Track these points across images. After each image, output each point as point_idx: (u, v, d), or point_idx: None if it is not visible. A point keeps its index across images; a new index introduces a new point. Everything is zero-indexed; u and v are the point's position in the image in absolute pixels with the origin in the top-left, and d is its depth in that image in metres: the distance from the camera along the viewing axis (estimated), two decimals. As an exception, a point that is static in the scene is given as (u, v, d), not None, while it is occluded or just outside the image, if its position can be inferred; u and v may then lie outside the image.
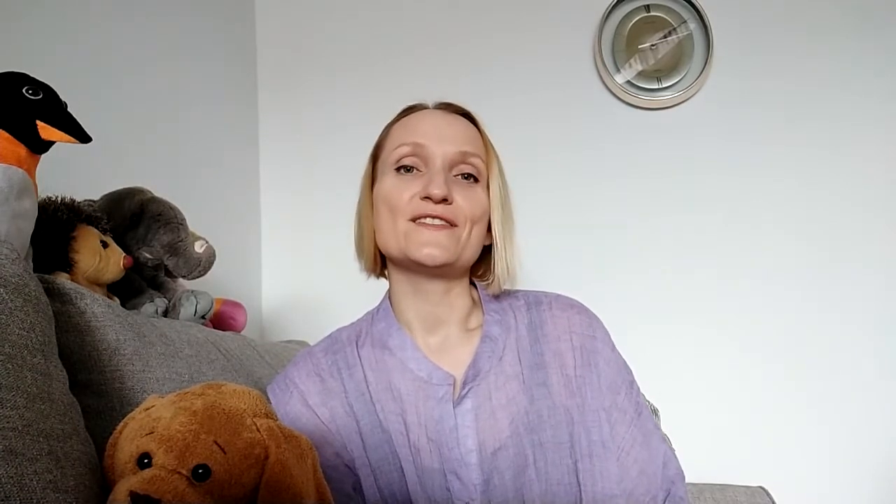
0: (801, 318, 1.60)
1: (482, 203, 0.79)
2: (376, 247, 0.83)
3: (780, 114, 1.64)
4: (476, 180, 0.80)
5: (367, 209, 0.83)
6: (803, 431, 1.58)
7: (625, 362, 0.84)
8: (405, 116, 0.84)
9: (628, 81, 1.69)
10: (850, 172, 1.61)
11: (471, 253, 0.80)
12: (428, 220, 0.76)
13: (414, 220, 0.76)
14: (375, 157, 0.85)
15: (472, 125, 0.84)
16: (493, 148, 0.84)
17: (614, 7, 1.69)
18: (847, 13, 1.63)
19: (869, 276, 1.58)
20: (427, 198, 0.75)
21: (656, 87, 1.67)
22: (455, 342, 0.82)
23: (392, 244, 0.79)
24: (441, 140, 0.79)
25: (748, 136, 1.66)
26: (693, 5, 1.65)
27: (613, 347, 0.84)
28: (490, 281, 0.83)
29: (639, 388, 0.84)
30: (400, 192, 0.77)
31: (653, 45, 1.67)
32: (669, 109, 1.69)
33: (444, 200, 0.76)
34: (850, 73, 1.62)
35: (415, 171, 0.79)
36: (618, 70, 1.69)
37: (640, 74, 1.68)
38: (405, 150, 0.79)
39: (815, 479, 1.55)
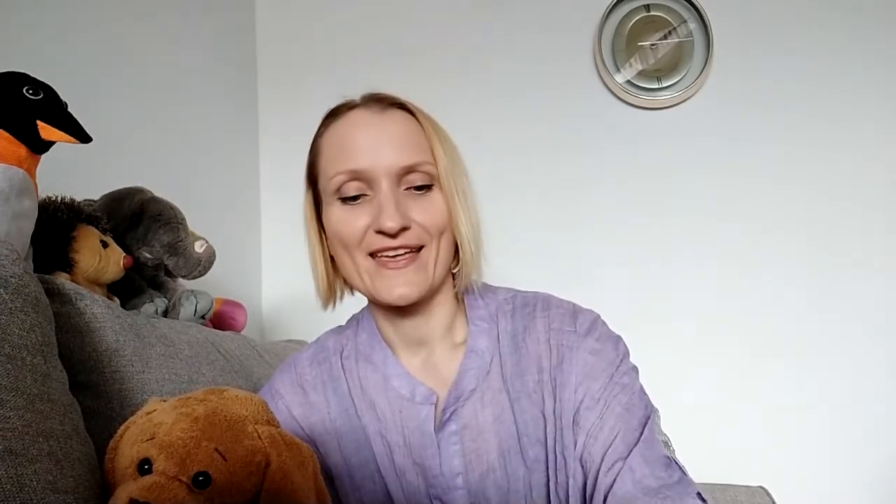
0: (801, 318, 1.60)
1: (442, 210, 0.71)
2: (329, 277, 0.77)
3: (780, 113, 1.64)
4: (430, 187, 0.71)
5: (315, 237, 0.76)
6: (803, 431, 1.58)
7: (618, 351, 0.75)
8: (331, 123, 0.74)
9: (628, 81, 1.69)
10: (850, 172, 1.61)
11: (444, 267, 0.73)
12: (389, 253, 0.69)
13: (373, 255, 0.70)
14: (312, 179, 0.76)
15: (410, 117, 0.73)
16: (437, 135, 0.73)
17: (614, 7, 1.69)
18: (847, 13, 1.62)
19: (869, 276, 1.58)
20: (380, 231, 0.68)
21: (656, 86, 1.67)
22: (439, 359, 0.76)
23: (357, 283, 0.73)
24: (380, 155, 0.69)
25: (748, 136, 1.66)
26: (693, 5, 1.65)
27: (601, 336, 0.75)
28: (457, 275, 0.76)
29: (627, 370, 0.74)
30: (349, 226, 0.70)
31: (653, 45, 1.67)
32: (669, 109, 1.69)
33: (402, 229, 0.68)
34: (850, 73, 1.62)
35: (361, 197, 0.70)
36: (618, 70, 1.69)
37: (640, 74, 1.68)
38: (343, 178, 0.70)
39: (815, 479, 1.55)
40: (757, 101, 1.65)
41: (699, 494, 0.68)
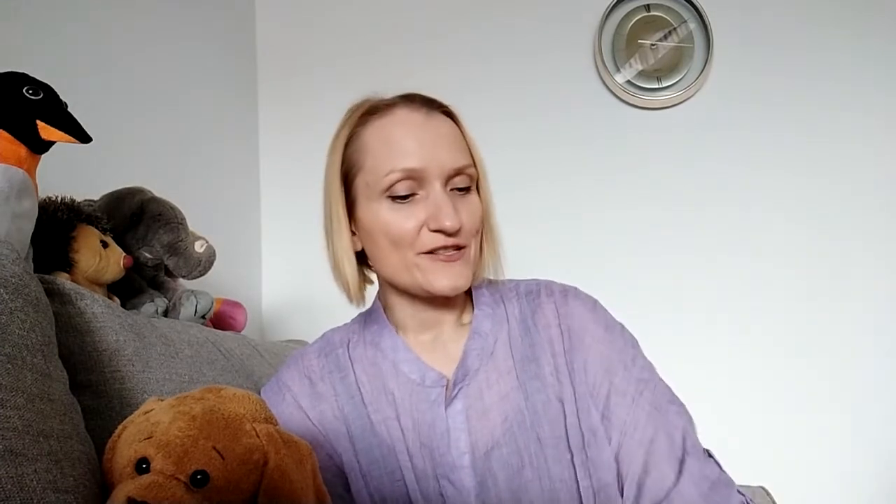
0: (802, 318, 1.60)
1: (480, 212, 0.76)
2: (358, 275, 0.79)
3: (780, 113, 1.64)
4: (469, 189, 0.76)
5: (345, 237, 0.77)
6: (803, 431, 1.58)
7: (625, 339, 0.79)
8: (373, 120, 0.76)
9: (628, 81, 1.69)
10: (851, 171, 1.61)
11: (476, 262, 0.78)
12: (441, 252, 0.73)
13: (425, 252, 0.73)
14: (348, 175, 0.76)
15: (451, 122, 0.77)
16: (473, 140, 0.78)
17: (614, 7, 1.69)
18: (846, 12, 1.63)
19: (871, 275, 1.58)
20: (439, 230, 0.71)
21: (656, 86, 1.67)
22: (447, 338, 0.80)
23: (403, 278, 0.75)
24: (435, 157, 0.72)
25: (748, 136, 1.66)
26: (693, 5, 1.65)
27: (608, 326, 0.79)
28: (478, 270, 0.80)
29: (645, 364, 0.78)
30: (402, 224, 0.72)
31: (653, 45, 1.67)
32: (669, 109, 1.69)
33: (459, 228, 0.72)
34: (851, 72, 1.62)
35: (410, 196, 0.72)
36: (618, 70, 1.69)
37: (640, 74, 1.68)
38: (397, 176, 0.71)
39: (815, 479, 1.55)
40: (757, 101, 1.65)
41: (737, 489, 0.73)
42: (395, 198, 0.72)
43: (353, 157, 0.76)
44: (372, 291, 0.85)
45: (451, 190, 0.74)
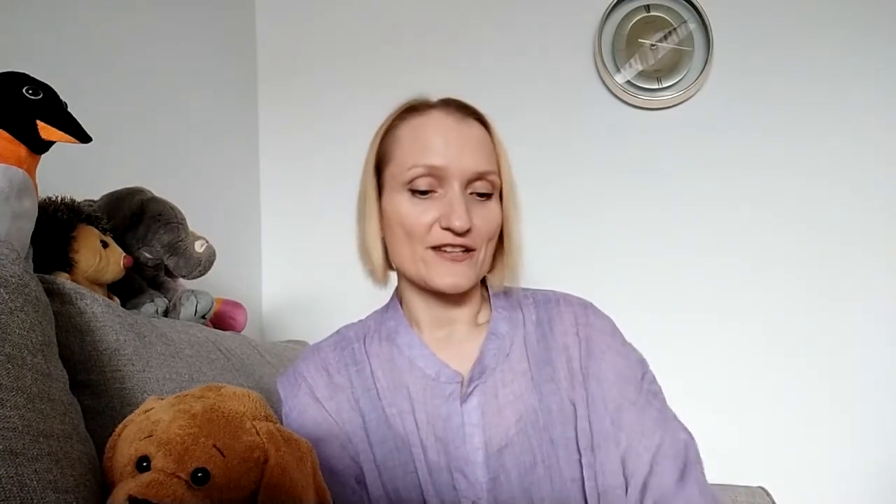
0: (802, 318, 1.60)
1: (497, 219, 0.79)
2: (385, 258, 0.82)
3: (780, 113, 1.64)
4: (490, 195, 0.78)
5: (374, 222, 0.80)
6: (804, 431, 1.58)
7: (638, 356, 0.84)
8: (410, 117, 0.80)
9: (628, 81, 1.69)
10: (851, 171, 1.61)
11: (486, 267, 0.81)
12: (448, 249, 0.75)
13: (433, 247, 0.76)
14: (380, 165, 0.81)
15: (484, 129, 0.81)
16: (504, 150, 0.81)
17: (614, 7, 1.69)
18: (846, 11, 1.63)
19: (870, 274, 1.58)
20: (448, 228, 0.74)
21: (656, 87, 1.67)
22: (462, 337, 0.82)
23: (410, 269, 0.78)
24: (458, 159, 0.75)
25: (748, 136, 1.66)
26: (693, 5, 1.65)
27: (624, 341, 0.83)
28: (496, 275, 0.83)
29: (653, 379, 0.82)
30: (417, 217, 0.75)
31: (653, 45, 1.67)
32: (669, 109, 1.69)
33: (468, 230, 0.74)
34: (851, 71, 1.62)
35: (430, 192, 0.76)
36: (618, 70, 1.69)
37: (640, 74, 1.68)
38: (419, 171, 0.75)
39: (815, 479, 1.55)
40: (757, 101, 1.65)
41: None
42: (415, 192, 0.76)
43: (387, 148, 0.80)
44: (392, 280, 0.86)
45: (471, 194, 0.77)
